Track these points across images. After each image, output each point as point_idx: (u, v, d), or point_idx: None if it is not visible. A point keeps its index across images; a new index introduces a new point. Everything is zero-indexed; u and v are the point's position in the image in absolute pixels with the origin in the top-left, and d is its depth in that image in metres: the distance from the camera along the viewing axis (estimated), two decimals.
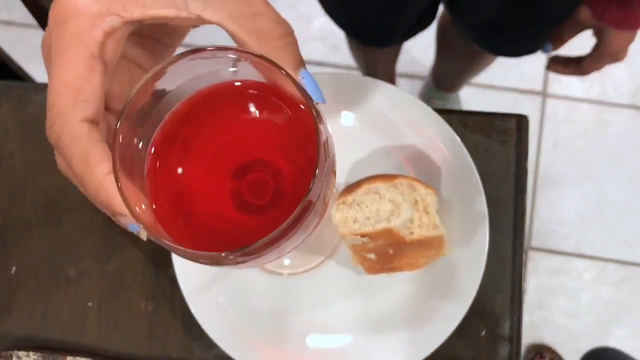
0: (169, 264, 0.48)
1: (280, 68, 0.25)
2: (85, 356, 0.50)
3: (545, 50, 0.66)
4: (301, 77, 0.27)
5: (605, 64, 0.63)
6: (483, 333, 0.49)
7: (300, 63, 0.27)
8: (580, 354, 1.08)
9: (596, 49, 0.61)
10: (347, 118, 0.50)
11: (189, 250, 0.25)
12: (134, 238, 0.51)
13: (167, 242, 0.25)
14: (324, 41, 1.47)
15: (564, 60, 0.67)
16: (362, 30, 0.84)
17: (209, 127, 0.30)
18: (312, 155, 0.25)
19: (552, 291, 1.38)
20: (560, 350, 1.34)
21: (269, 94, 0.29)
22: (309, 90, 0.27)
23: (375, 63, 1.12)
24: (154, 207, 0.28)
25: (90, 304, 0.51)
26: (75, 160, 0.26)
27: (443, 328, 0.46)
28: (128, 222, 0.26)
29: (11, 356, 0.49)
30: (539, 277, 1.39)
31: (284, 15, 0.27)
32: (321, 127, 0.26)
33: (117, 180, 0.25)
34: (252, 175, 0.31)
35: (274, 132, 0.31)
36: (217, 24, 0.26)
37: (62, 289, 0.51)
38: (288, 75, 0.26)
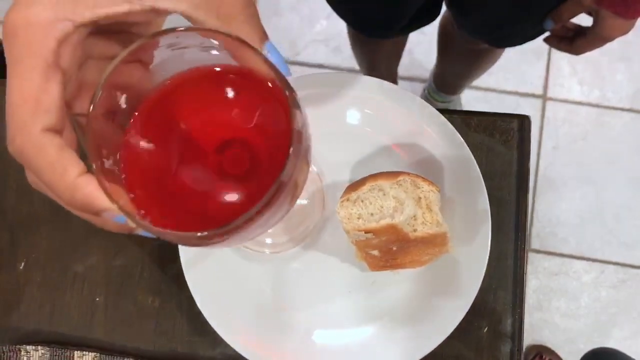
0: (176, 260, 0.48)
1: (244, 42, 0.25)
2: (93, 350, 0.50)
3: (545, 27, 0.68)
4: (266, 51, 0.27)
5: (598, 47, 0.64)
6: (485, 330, 0.50)
7: (264, 36, 0.27)
8: (580, 355, 1.09)
9: (590, 31, 0.62)
10: (353, 117, 0.50)
11: (172, 232, 0.25)
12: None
13: (152, 227, 0.25)
14: (326, 43, 1.48)
15: (560, 35, 0.68)
16: (361, 21, 0.85)
17: (183, 111, 0.30)
18: (285, 141, 0.25)
19: (552, 293, 1.39)
20: (559, 351, 1.35)
21: (242, 77, 0.29)
22: (274, 62, 0.26)
23: (376, 62, 1.12)
24: (132, 196, 0.28)
25: (97, 299, 0.52)
26: (43, 170, 0.25)
27: (445, 325, 0.46)
28: (113, 215, 0.25)
29: (20, 350, 0.50)
30: (539, 279, 1.39)
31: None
32: (297, 112, 0.26)
33: (98, 171, 0.25)
34: (229, 152, 0.31)
35: (249, 113, 0.30)
36: (174, 10, 0.26)
37: (69, 284, 0.52)
38: (253, 49, 0.25)
